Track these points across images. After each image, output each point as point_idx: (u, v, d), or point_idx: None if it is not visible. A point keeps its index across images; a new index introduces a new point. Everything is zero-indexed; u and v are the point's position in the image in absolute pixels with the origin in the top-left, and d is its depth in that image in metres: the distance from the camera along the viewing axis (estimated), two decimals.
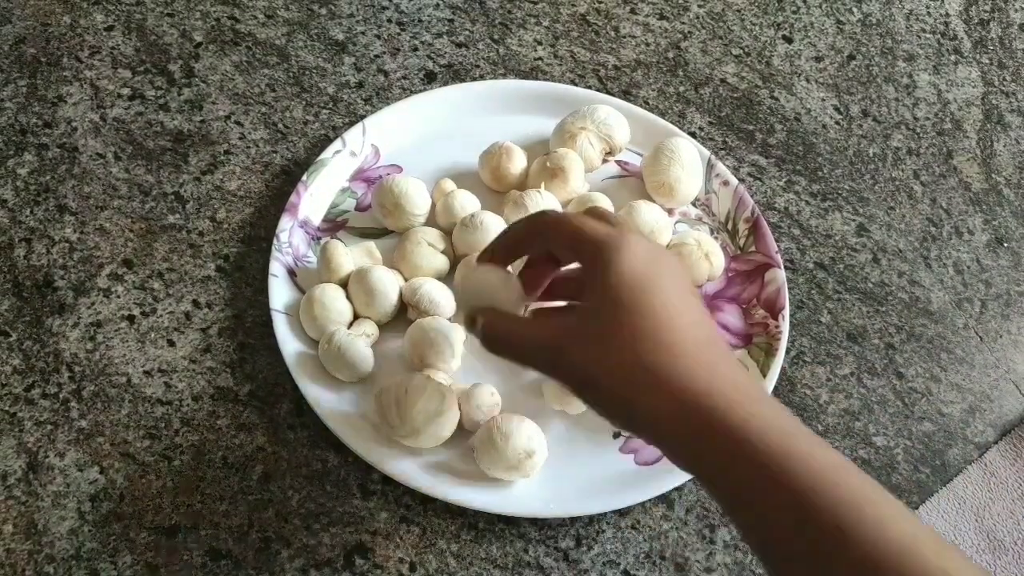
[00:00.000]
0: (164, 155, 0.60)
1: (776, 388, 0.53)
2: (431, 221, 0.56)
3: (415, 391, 0.47)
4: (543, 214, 0.43)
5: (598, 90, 0.65)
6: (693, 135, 0.63)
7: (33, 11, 0.66)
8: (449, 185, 0.57)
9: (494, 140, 0.59)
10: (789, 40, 0.70)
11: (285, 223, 0.55)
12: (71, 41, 0.65)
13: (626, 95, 0.65)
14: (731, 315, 0.55)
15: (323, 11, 0.67)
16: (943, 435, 0.54)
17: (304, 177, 0.57)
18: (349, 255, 0.53)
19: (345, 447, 0.49)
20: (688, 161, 0.58)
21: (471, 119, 0.61)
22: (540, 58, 0.67)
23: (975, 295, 0.60)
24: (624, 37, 0.69)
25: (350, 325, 0.52)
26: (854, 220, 0.62)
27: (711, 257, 0.55)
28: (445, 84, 0.64)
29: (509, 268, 0.43)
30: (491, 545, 0.48)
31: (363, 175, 0.59)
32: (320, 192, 0.57)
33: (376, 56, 0.65)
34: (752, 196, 0.60)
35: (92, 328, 0.53)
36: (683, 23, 0.70)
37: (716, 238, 0.58)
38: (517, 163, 0.58)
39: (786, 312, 0.54)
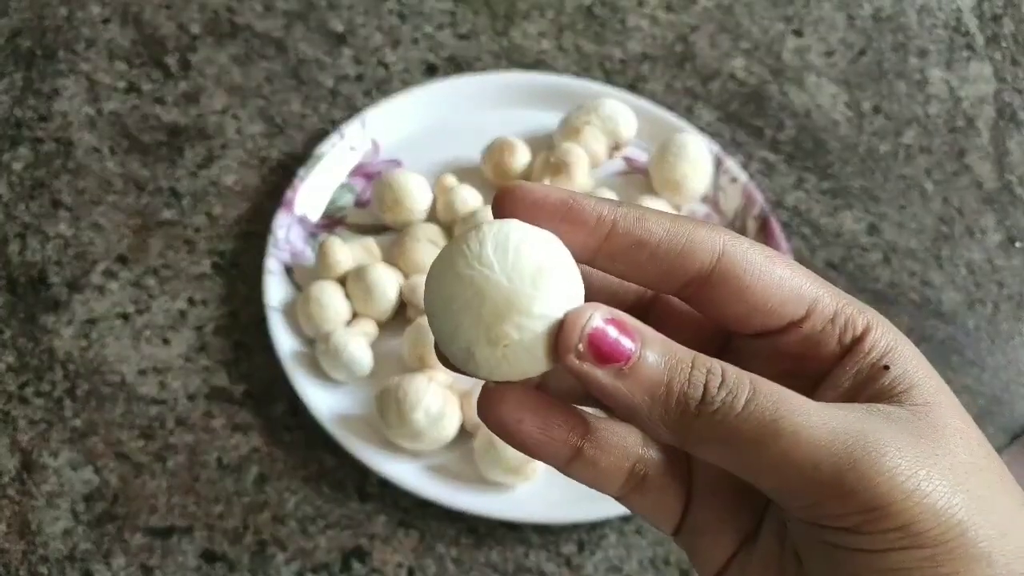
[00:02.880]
0: (160, 149, 0.59)
1: None
2: (432, 217, 0.56)
3: (415, 392, 0.46)
4: None
5: (604, 83, 0.64)
6: (701, 130, 0.62)
7: (29, 3, 0.65)
8: (450, 180, 0.56)
9: (497, 134, 0.58)
10: (799, 34, 0.69)
11: (282, 219, 0.54)
12: (67, 34, 0.64)
13: (632, 89, 0.64)
14: None
15: (322, 2, 0.66)
16: None
17: (302, 172, 0.56)
18: (347, 252, 0.53)
19: (342, 449, 0.48)
20: (696, 157, 0.57)
21: (473, 113, 0.60)
22: (544, 51, 0.66)
23: (987, 296, 0.59)
24: (630, 29, 0.68)
25: (348, 324, 0.51)
26: (865, 219, 0.61)
27: None
28: (447, 77, 0.63)
29: None
30: (491, 550, 0.47)
31: (362, 170, 0.58)
32: (318, 187, 0.56)
33: (376, 48, 0.64)
34: (761, 193, 0.59)
35: (86, 326, 0.52)
36: (691, 16, 0.69)
37: None
38: (520, 158, 0.57)
39: None
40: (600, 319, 0.19)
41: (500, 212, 0.20)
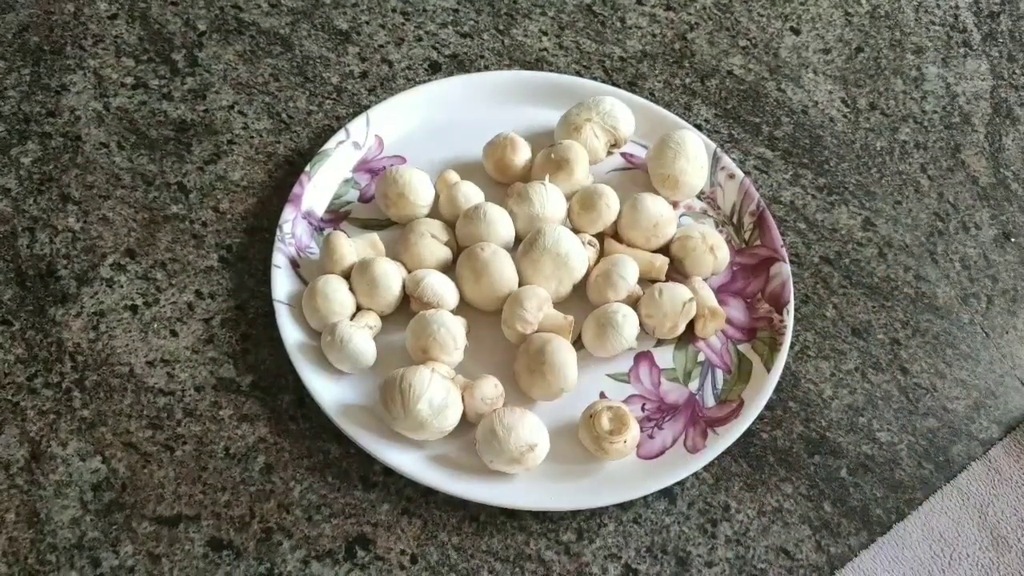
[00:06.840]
0: (167, 144, 0.60)
1: (780, 383, 0.53)
2: (434, 212, 0.56)
3: (418, 383, 0.47)
4: None
5: (603, 81, 0.64)
6: (699, 127, 0.63)
7: None
8: (453, 176, 0.57)
9: (498, 131, 0.58)
10: (797, 32, 0.70)
11: (288, 214, 0.55)
12: (75, 29, 0.64)
13: (632, 86, 0.65)
14: (736, 309, 0.55)
15: (327, 0, 0.67)
16: (947, 431, 0.54)
17: (307, 167, 0.57)
18: (352, 246, 0.53)
19: (347, 438, 0.49)
20: (693, 154, 0.57)
21: (475, 110, 0.61)
22: (545, 49, 0.66)
23: (981, 290, 0.59)
24: (630, 28, 0.68)
25: (353, 316, 0.52)
26: (860, 214, 0.61)
27: (716, 251, 0.55)
28: (450, 75, 0.64)
29: None
30: (492, 538, 0.48)
31: (366, 166, 0.59)
32: (323, 183, 0.57)
33: (380, 46, 0.65)
34: (758, 189, 0.59)
35: (95, 318, 0.53)
36: (690, 14, 0.69)
37: (721, 231, 0.58)
38: (521, 154, 0.58)
39: (791, 306, 0.54)
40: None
41: None
